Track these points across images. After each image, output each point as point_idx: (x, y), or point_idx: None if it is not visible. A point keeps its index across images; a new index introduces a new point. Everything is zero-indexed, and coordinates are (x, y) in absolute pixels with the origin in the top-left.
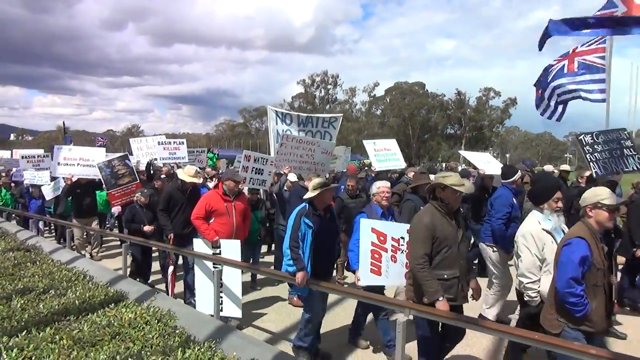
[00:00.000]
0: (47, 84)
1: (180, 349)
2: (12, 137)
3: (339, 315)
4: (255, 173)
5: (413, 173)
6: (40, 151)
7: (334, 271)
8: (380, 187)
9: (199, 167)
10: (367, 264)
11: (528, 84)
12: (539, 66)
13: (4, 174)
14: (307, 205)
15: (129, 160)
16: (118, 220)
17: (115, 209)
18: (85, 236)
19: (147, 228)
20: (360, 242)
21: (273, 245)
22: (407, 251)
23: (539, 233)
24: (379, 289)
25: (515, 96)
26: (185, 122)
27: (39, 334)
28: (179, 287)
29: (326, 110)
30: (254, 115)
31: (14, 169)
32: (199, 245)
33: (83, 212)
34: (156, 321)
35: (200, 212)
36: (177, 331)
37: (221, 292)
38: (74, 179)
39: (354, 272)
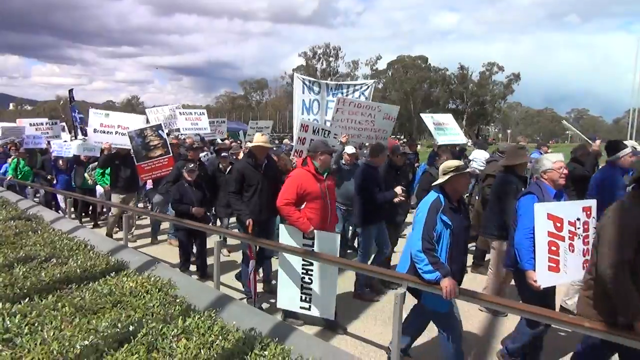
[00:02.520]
0: (46, 53)
1: (180, 317)
2: (11, 106)
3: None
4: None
5: (506, 150)
6: (46, 119)
7: None
8: (557, 162)
9: (220, 139)
10: (544, 260)
11: (531, 59)
12: (543, 42)
13: (19, 145)
14: (439, 195)
15: (163, 130)
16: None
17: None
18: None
19: (196, 210)
20: (535, 233)
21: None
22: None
23: None
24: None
25: (519, 72)
26: (186, 94)
27: (42, 301)
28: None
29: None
30: (254, 88)
31: (24, 137)
32: (286, 235)
33: (123, 187)
34: (157, 290)
35: (291, 196)
36: (178, 300)
37: (309, 288)
38: (112, 149)
39: (520, 271)
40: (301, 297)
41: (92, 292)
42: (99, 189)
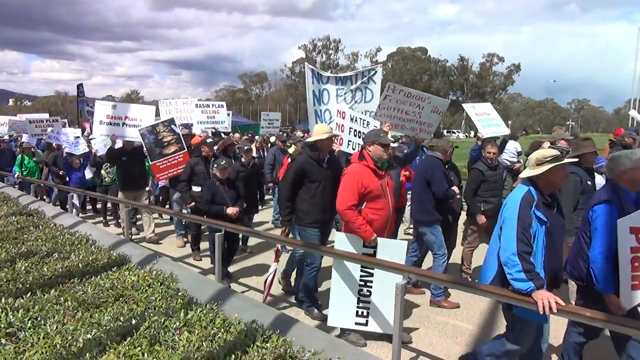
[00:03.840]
0: (46, 49)
1: (182, 310)
2: (10, 102)
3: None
4: (355, 135)
5: (563, 140)
6: (46, 115)
7: None
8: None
9: (224, 133)
10: (628, 280)
11: (531, 50)
12: (543, 32)
13: (24, 140)
14: (529, 188)
15: (176, 125)
16: (165, 195)
17: (162, 182)
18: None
19: (231, 211)
20: (619, 254)
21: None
22: None
23: None
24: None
25: (519, 62)
26: (185, 88)
27: (44, 295)
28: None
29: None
30: (254, 81)
31: (24, 134)
32: (344, 242)
33: (130, 184)
34: (159, 284)
35: (354, 198)
36: (180, 293)
37: (367, 301)
38: (118, 143)
39: (597, 293)
40: (357, 311)
41: (94, 286)
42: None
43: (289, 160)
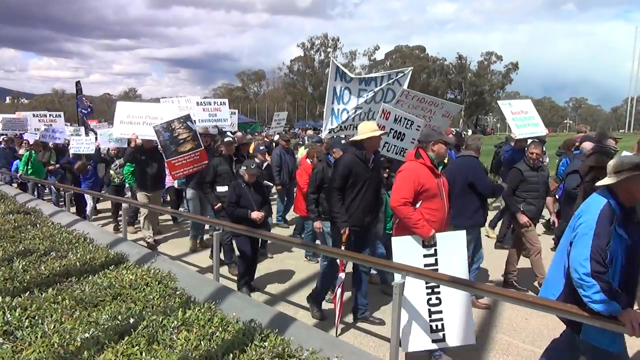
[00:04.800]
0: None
1: (180, 309)
2: (7, 100)
3: None
4: (395, 137)
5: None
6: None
7: None
8: None
9: (230, 131)
10: None
11: (529, 48)
12: (541, 31)
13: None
14: (609, 200)
15: (192, 121)
16: (177, 195)
17: (170, 180)
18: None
19: (256, 215)
20: None
21: None
22: None
23: None
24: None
25: (517, 61)
26: (183, 86)
27: (41, 294)
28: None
29: (325, 74)
30: (252, 79)
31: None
32: (402, 249)
33: (150, 185)
34: (157, 282)
35: (409, 194)
36: (178, 292)
37: (439, 311)
38: (137, 142)
39: None
40: (431, 326)
41: (92, 285)
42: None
43: (307, 160)
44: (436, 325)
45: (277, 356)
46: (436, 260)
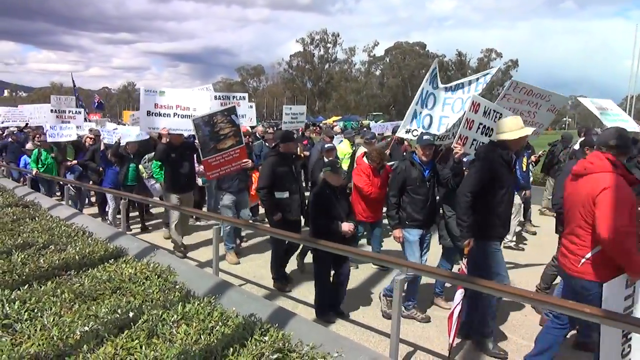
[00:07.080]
0: (42, 39)
1: (180, 303)
2: (5, 93)
3: None
4: (482, 133)
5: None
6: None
7: None
8: None
9: (249, 126)
10: None
11: (529, 46)
12: (540, 28)
13: (34, 132)
14: None
15: (237, 115)
16: (198, 197)
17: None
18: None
19: (347, 227)
20: None
21: None
22: None
23: None
24: None
25: (517, 58)
26: (182, 80)
27: (41, 287)
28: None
29: (325, 70)
30: (251, 74)
31: (48, 126)
32: (613, 294)
33: (181, 185)
34: (156, 276)
35: (627, 221)
36: (177, 286)
37: None
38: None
39: None
40: None
41: (91, 278)
42: (157, 186)
43: (364, 160)
44: None
45: (277, 351)
46: (633, 300)
